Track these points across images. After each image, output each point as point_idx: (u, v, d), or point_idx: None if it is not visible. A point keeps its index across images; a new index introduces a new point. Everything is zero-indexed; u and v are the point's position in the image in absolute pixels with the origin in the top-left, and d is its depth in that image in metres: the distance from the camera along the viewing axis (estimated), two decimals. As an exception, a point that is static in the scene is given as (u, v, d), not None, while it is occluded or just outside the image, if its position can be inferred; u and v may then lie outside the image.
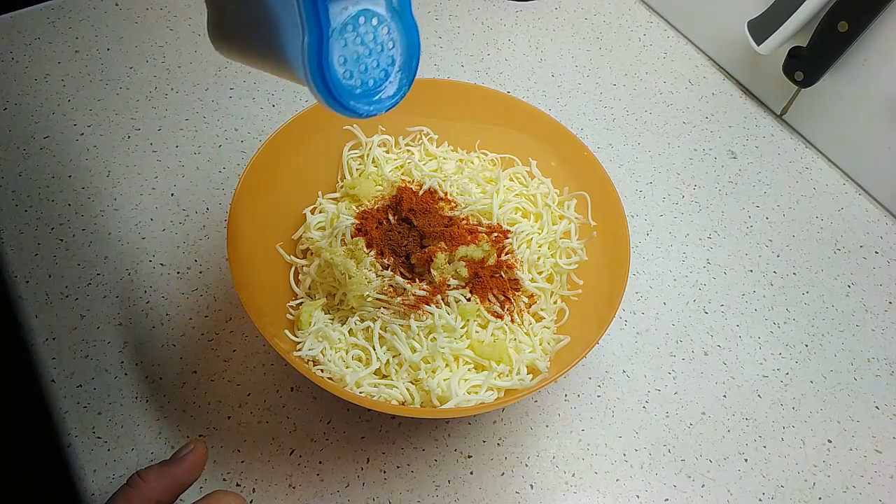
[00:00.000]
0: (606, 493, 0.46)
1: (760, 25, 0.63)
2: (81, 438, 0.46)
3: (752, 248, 0.60)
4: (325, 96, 0.33)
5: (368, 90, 0.35)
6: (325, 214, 0.52)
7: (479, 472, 0.46)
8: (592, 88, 0.70)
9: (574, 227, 0.51)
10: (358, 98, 0.34)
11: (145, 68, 0.67)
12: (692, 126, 0.68)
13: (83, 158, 0.60)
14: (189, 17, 0.71)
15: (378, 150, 0.54)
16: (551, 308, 0.49)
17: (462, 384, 0.44)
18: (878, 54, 0.59)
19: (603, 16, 0.77)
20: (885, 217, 0.63)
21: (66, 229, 0.55)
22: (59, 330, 0.50)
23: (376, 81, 0.35)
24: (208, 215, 0.57)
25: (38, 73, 0.65)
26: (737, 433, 0.49)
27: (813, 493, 0.47)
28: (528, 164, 0.54)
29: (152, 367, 0.49)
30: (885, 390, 0.52)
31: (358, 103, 0.34)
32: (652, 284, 0.57)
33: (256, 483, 0.45)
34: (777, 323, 0.55)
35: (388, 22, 0.34)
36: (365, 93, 0.35)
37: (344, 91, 0.33)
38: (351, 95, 0.34)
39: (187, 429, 0.46)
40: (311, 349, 0.45)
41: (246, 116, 0.64)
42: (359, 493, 0.45)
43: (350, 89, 0.34)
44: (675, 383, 0.51)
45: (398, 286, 0.46)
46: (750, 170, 0.65)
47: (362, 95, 0.34)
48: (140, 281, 0.53)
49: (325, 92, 0.32)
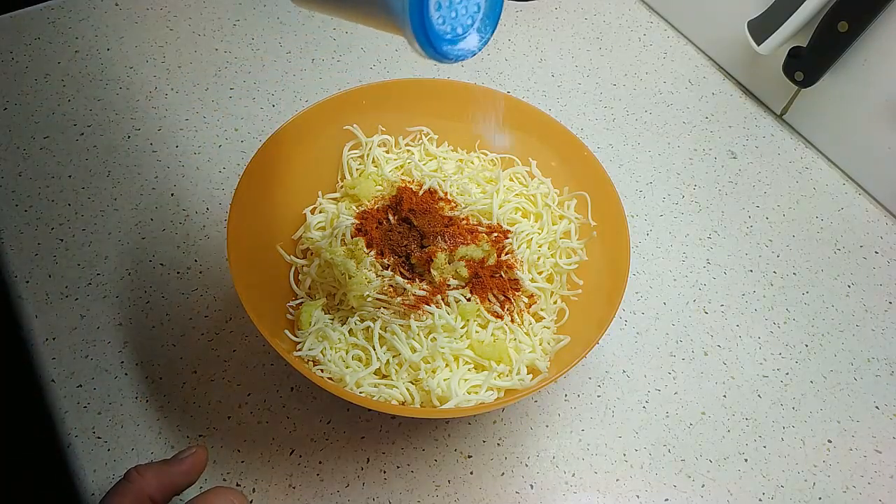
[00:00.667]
0: (606, 493, 0.46)
1: (760, 25, 0.63)
2: (81, 438, 0.46)
3: (752, 248, 0.60)
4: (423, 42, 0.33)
5: (456, 36, 0.35)
6: (325, 214, 0.52)
7: (479, 472, 0.46)
8: (592, 88, 0.70)
9: (574, 227, 0.51)
10: (449, 42, 0.35)
11: (145, 68, 0.67)
12: (692, 126, 0.68)
13: (83, 158, 0.60)
14: (189, 17, 0.71)
15: (378, 150, 0.54)
16: (551, 308, 0.49)
17: (462, 384, 0.44)
18: (878, 54, 0.59)
19: (603, 16, 0.77)
20: (885, 217, 0.63)
21: (66, 229, 0.55)
22: (59, 330, 0.50)
23: (464, 28, 0.36)
24: (208, 215, 0.57)
25: (38, 73, 0.65)
26: (737, 433, 0.49)
27: (813, 493, 0.47)
28: (528, 164, 0.54)
29: (152, 367, 0.49)
30: (885, 390, 0.52)
31: (450, 48, 0.35)
32: (652, 284, 0.57)
33: (256, 483, 0.45)
34: (777, 323, 0.55)
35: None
36: (454, 38, 0.35)
37: (437, 37, 0.34)
38: (443, 40, 0.34)
39: (187, 429, 0.47)
40: (311, 349, 0.45)
41: (246, 116, 0.64)
42: (359, 493, 0.45)
43: (442, 34, 0.34)
44: (675, 383, 0.51)
45: (398, 286, 0.46)
46: (750, 170, 0.65)
47: (451, 41, 0.35)
48: (140, 281, 0.53)
49: (423, 37, 0.33)
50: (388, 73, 0.69)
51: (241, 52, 0.69)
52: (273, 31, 0.71)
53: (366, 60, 0.70)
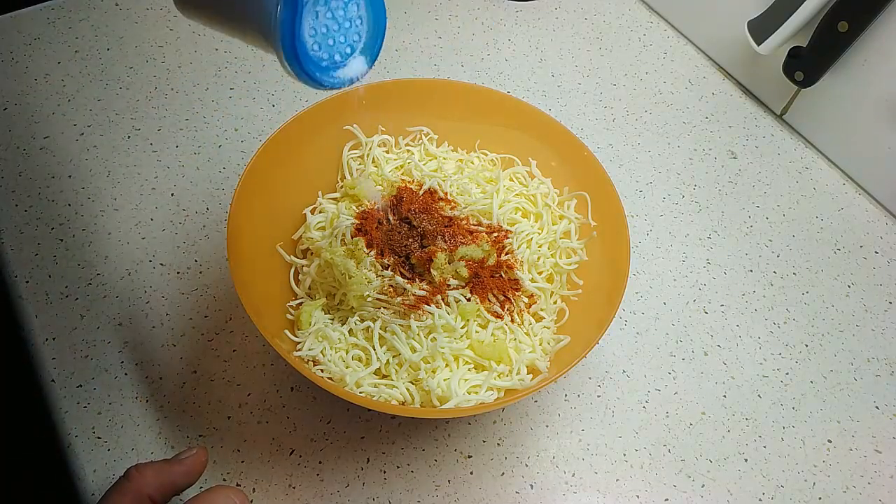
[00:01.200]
0: (606, 493, 0.46)
1: (760, 25, 0.63)
2: (81, 438, 0.46)
3: (752, 248, 0.60)
4: (293, 65, 0.34)
5: (333, 63, 0.36)
6: (325, 214, 0.52)
7: (479, 472, 0.46)
8: (592, 88, 0.70)
9: (574, 227, 0.51)
10: (324, 70, 0.35)
11: (145, 68, 0.67)
12: (692, 126, 0.68)
13: (83, 158, 0.60)
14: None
15: (378, 150, 0.54)
16: (551, 308, 0.49)
17: (462, 384, 0.44)
18: (878, 54, 0.59)
19: (603, 16, 0.77)
20: (885, 217, 0.63)
21: (66, 229, 0.55)
22: (59, 330, 0.50)
23: (342, 56, 0.36)
24: (208, 215, 0.57)
25: (38, 73, 0.65)
26: (737, 433, 0.49)
27: (813, 493, 0.47)
28: (528, 164, 0.54)
29: (152, 367, 0.49)
30: (885, 390, 0.52)
31: (323, 75, 0.35)
32: (652, 284, 0.57)
33: (256, 483, 0.45)
34: (777, 323, 0.55)
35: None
36: (330, 66, 0.36)
37: (311, 62, 0.34)
38: (318, 67, 0.35)
39: (187, 429, 0.47)
40: (311, 349, 0.45)
41: (246, 116, 0.64)
42: (359, 493, 0.45)
43: (317, 61, 0.35)
44: (675, 383, 0.51)
45: (398, 286, 0.46)
46: (750, 170, 0.65)
47: (328, 68, 0.36)
48: (140, 281, 0.53)
49: (294, 61, 0.33)
50: (388, 73, 0.69)
51: (241, 52, 0.69)
52: (273, 31, 0.71)
53: (366, 60, 0.70)
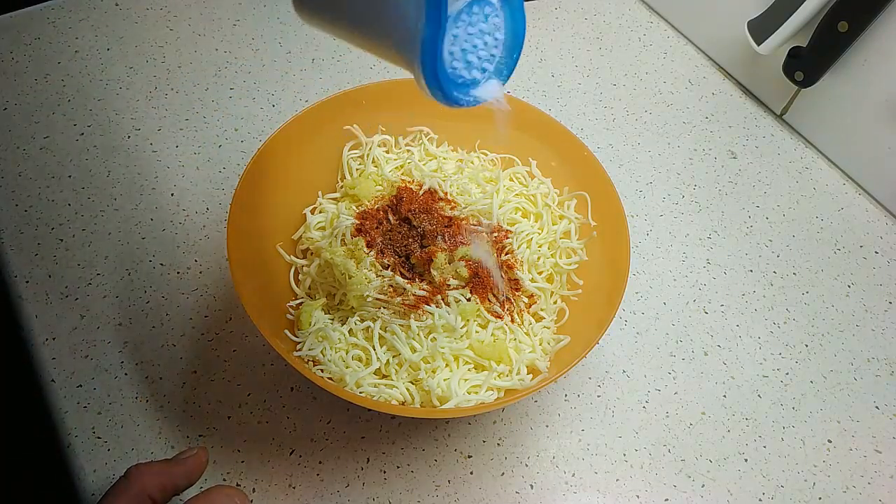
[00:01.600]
0: (606, 493, 0.46)
1: (760, 25, 0.63)
2: (81, 438, 0.46)
3: (752, 248, 0.60)
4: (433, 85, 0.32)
5: (468, 81, 0.34)
6: (325, 214, 0.52)
7: (479, 472, 0.46)
8: (592, 88, 0.70)
9: (574, 227, 0.51)
10: (460, 88, 0.34)
11: (145, 68, 0.67)
12: (692, 126, 0.68)
13: (83, 158, 0.60)
14: (189, 17, 0.71)
15: (378, 150, 0.54)
16: (551, 308, 0.49)
17: (462, 384, 0.44)
18: (878, 54, 0.59)
19: (603, 16, 0.77)
20: (885, 217, 0.63)
21: (66, 229, 0.55)
22: (59, 330, 0.50)
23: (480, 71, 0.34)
24: (208, 215, 0.57)
25: (38, 73, 0.65)
26: (737, 433, 0.49)
27: (813, 493, 0.47)
28: (528, 164, 0.54)
29: (152, 367, 0.49)
30: (885, 390, 0.52)
31: (460, 94, 0.34)
32: (652, 284, 0.57)
33: (256, 483, 0.45)
34: (777, 323, 0.55)
35: (498, 11, 0.33)
36: (465, 83, 0.34)
37: (449, 81, 0.33)
38: (455, 85, 0.33)
39: (187, 429, 0.47)
40: (311, 349, 0.45)
41: (246, 116, 0.64)
42: (359, 493, 0.45)
43: (454, 79, 0.33)
44: (675, 383, 0.51)
45: (398, 286, 0.46)
46: (750, 170, 0.65)
47: (463, 86, 0.34)
48: (140, 281, 0.53)
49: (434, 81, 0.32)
50: (388, 73, 0.69)
51: (241, 52, 0.69)
52: (273, 31, 0.71)
53: (366, 60, 0.70)
